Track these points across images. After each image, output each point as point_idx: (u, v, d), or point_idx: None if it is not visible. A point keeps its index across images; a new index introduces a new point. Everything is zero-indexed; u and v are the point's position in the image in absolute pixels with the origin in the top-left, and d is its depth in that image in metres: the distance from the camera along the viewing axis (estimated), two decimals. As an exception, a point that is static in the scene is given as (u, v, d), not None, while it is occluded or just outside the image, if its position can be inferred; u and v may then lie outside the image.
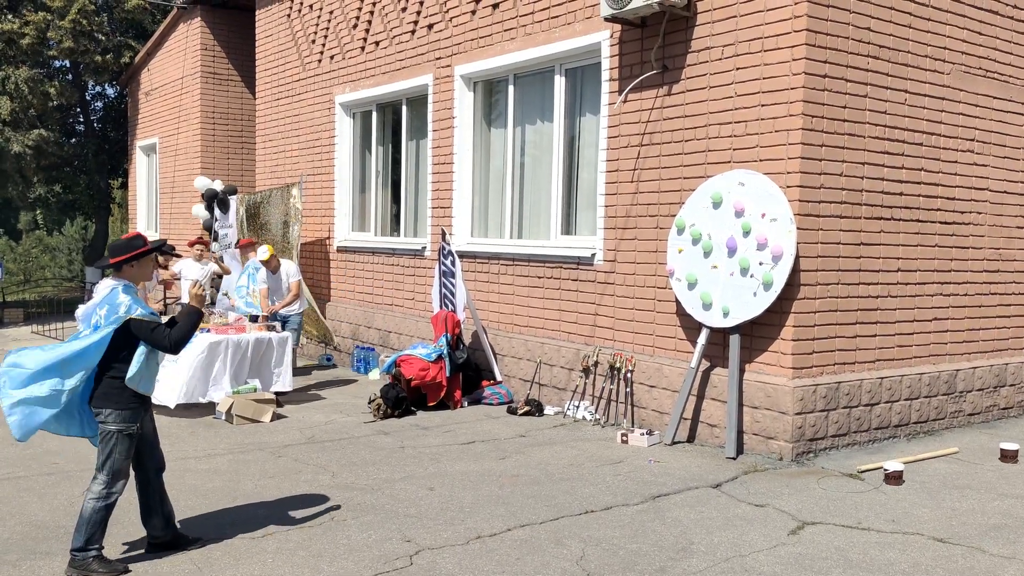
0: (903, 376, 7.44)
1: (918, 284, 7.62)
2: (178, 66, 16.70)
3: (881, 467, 6.36)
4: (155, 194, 18.60)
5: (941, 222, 7.75)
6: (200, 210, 14.52)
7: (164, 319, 5.03)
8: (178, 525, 5.07)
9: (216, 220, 13.94)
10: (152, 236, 18.33)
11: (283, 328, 9.61)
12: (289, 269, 10.15)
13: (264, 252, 9.86)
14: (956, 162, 7.81)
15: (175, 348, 4.70)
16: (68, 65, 19.90)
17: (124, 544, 4.99)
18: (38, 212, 27.37)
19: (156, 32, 17.54)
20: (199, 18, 15.76)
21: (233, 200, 13.43)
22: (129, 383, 4.64)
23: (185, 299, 11.37)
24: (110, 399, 4.64)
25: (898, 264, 7.44)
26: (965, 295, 8.03)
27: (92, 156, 20.85)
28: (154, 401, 9.04)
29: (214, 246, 13.45)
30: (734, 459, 6.86)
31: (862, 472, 6.44)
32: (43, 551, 4.89)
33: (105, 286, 4.83)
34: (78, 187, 21.71)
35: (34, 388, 4.54)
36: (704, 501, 5.83)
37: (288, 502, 5.79)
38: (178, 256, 10.41)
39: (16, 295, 23.43)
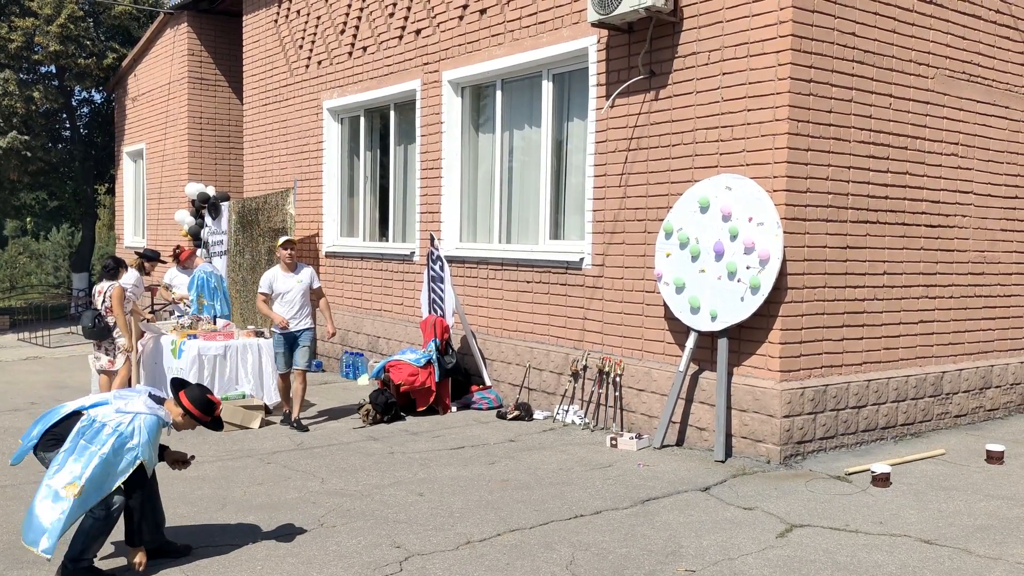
0: (890, 378, 7.49)
1: (904, 287, 7.67)
2: (165, 71, 16.65)
3: (868, 469, 6.39)
4: (142, 200, 18.54)
5: (926, 225, 7.81)
6: (184, 216, 14.46)
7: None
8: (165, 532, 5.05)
9: (206, 227, 13.90)
10: (139, 242, 18.28)
11: (297, 345, 8.43)
12: (313, 272, 8.67)
13: (283, 239, 8.53)
14: (941, 165, 7.87)
15: (106, 515, 4.55)
16: (54, 71, 19.82)
17: (113, 550, 4.97)
18: (28, 220, 27.23)
19: (143, 37, 17.48)
20: (186, 23, 15.73)
21: (225, 206, 13.39)
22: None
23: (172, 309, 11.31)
24: None
25: (884, 267, 7.49)
26: (951, 297, 8.09)
27: (79, 162, 20.76)
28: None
29: (200, 252, 13.41)
30: (723, 462, 6.88)
31: (850, 474, 6.48)
32: (30, 560, 4.86)
33: (148, 405, 4.72)
34: (64, 193, 21.60)
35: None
36: (693, 504, 5.85)
37: (277, 509, 5.78)
38: (163, 262, 10.40)
39: (2, 302, 23.29)
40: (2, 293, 25.21)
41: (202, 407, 4.89)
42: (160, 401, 4.85)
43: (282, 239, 8.56)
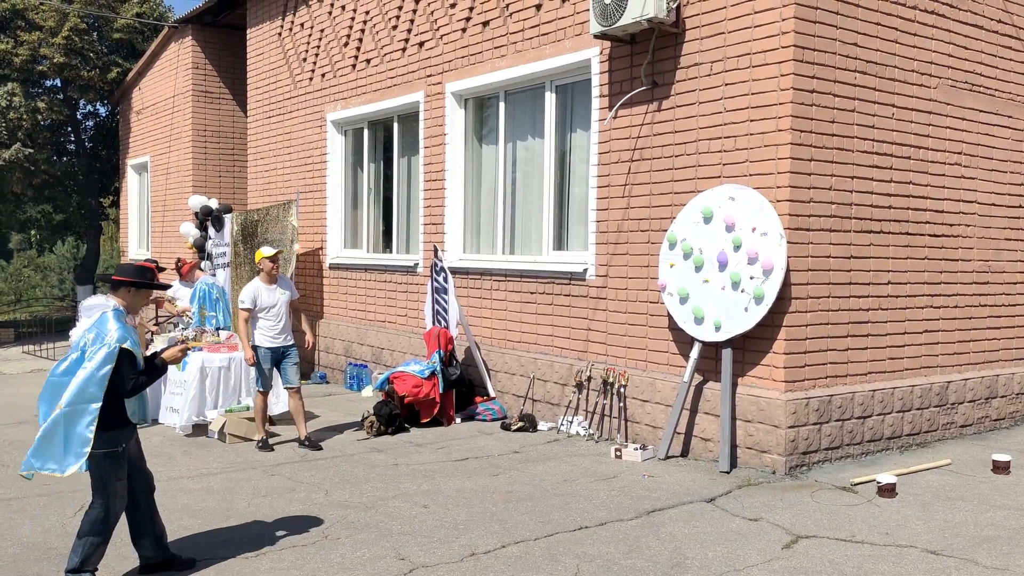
0: (895, 388, 7.47)
1: (908, 296, 7.66)
2: (169, 85, 16.72)
3: (874, 480, 6.37)
4: (147, 212, 18.59)
5: (930, 234, 7.80)
6: (190, 228, 14.50)
7: (149, 351, 5.00)
8: (169, 545, 5.04)
9: (210, 239, 13.93)
10: (144, 254, 18.31)
11: (284, 361, 8.06)
12: (291, 282, 8.37)
13: (270, 250, 8.01)
14: (944, 175, 7.87)
15: (130, 394, 4.62)
16: (59, 84, 19.94)
17: (116, 565, 4.96)
18: (32, 232, 27.39)
19: (147, 51, 17.57)
20: (190, 37, 15.80)
21: (228, 218, 13.42)
22: (131, 417, 4.69)
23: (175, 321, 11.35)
24: None
25: (888, 277, 7.48)
26: (955, 307, 8.07)
27: (83, 175, 20.84)
28: (163, 423, 9.08)
29: (204, 264, 13.44)
30: (728, 473, 6.86)
31: (855, 485, 6.45)
32: (34, 573, 4.86)
33: (97, 307, 4.77)
34: (69, 206, 21.69)
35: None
36: (698, 516, 5.83)
37: (281, 521, 5.77)
38: (160, 268, 10.45)
39: (7, 315, 23.34)
40: (7, 306, 25.28)
41: (134, 273, 4.83)
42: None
43: (271, 250, 8.00)
